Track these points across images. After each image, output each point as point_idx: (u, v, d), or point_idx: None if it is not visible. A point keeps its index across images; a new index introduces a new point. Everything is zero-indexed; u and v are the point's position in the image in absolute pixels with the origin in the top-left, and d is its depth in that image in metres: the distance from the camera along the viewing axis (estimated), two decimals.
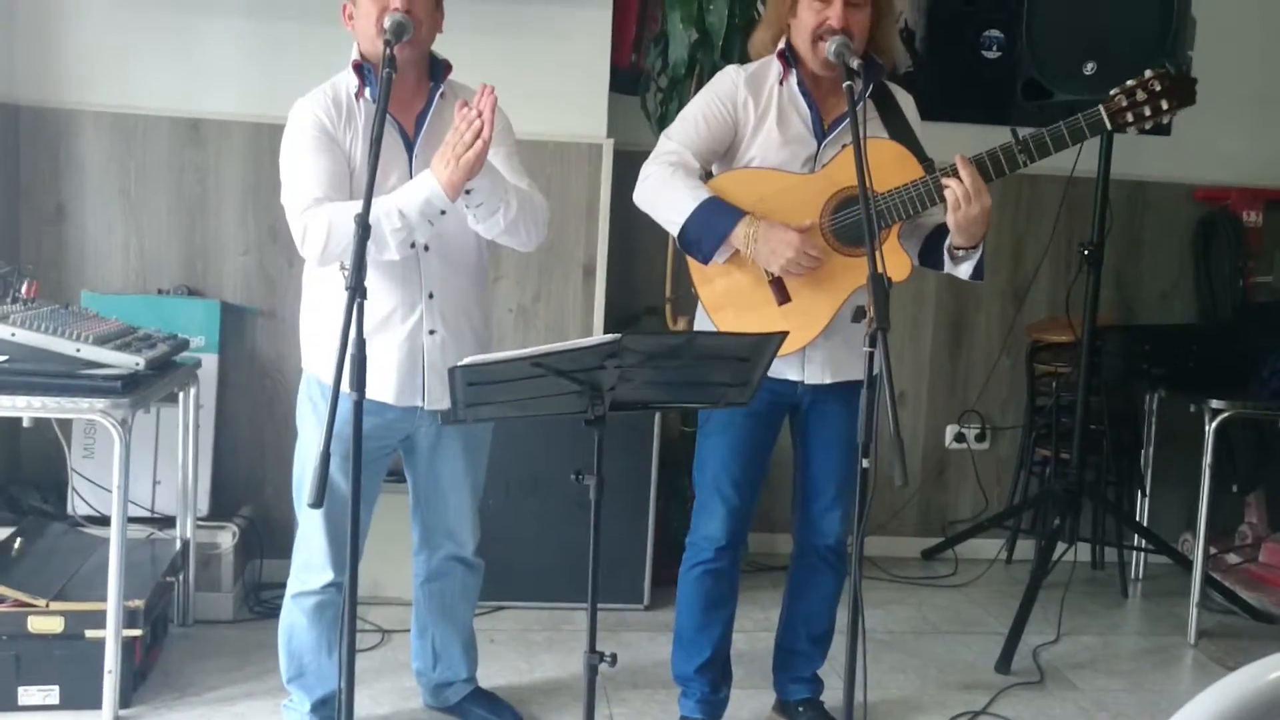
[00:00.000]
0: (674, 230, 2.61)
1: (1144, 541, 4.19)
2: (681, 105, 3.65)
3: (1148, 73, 2.54)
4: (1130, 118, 2.53)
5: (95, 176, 3.74)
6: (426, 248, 2.49)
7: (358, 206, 2.17)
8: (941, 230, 2.60)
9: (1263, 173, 4.48)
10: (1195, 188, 4.51)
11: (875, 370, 2.18)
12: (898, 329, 3.92)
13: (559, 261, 3.86)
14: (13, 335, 2.78)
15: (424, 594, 2.81)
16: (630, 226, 3.84)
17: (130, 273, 3.77)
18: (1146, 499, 4.30)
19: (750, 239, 2.53)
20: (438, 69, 2.56)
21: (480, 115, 2.29)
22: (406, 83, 2.48)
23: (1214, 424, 3.67)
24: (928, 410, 4.51)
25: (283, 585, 2.75)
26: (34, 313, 2.91)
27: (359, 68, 2.50)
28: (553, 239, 3.66)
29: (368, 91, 2.49)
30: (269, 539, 3.72)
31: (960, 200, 2.45)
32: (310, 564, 2.58)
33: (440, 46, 2.57)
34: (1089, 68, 3.62)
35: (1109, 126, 2.54)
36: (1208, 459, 3.70)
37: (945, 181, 2.48)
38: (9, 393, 2.68)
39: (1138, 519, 4.27)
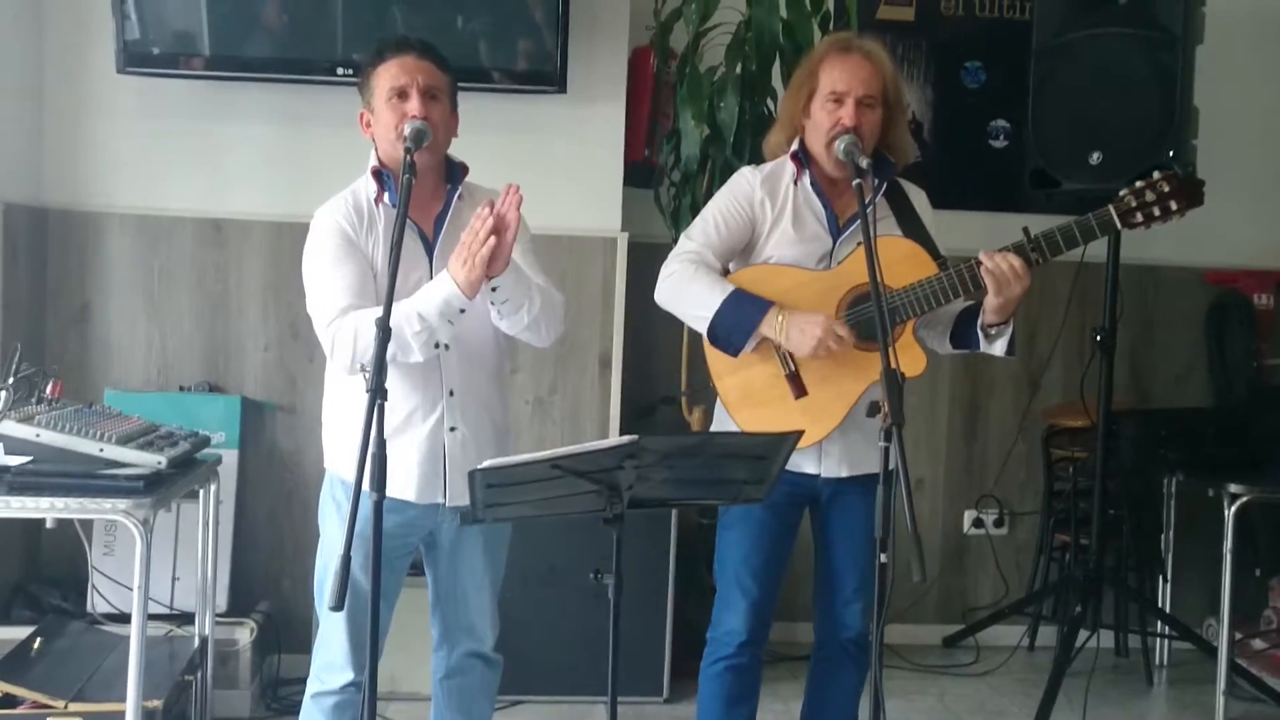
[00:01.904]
0: (701, 326, 2.64)
1: (1167, 628, 4.14)
2: (694, 199, 3.74)
3: (1156, 174, 2.57)
4: (1140, 217, 2.57)
5: (120, 276, 3.82)
6: (447, 346, 2.52)
7: (380, 313, 2.20)
8: (968, 313, 2.64)
9: (1272, 255, 4.52)
10: (1205, 271, 4.54)
11: (891, 465, 2.20)
12: (913, 415, 3.93)
13: (575, 353, 3.90)
14: (37, 436, 2.81)
15: (443, 690, 2.80)
16: (645, 318, 3.88)
17: (153, 370, 3.82)
18: (1168, 584, 4.26)
19: (780, 326, 2.57)
20: (454, 171, 2.61)
21: (501, 214, 2.33)
22: (425, 186, 2.53)
23: (1233, 508, 3.65)
24: (945, 496, 4.51)
25: (301, 681, 2.74)
26: (58, 413, 2.94)
27: (378, 174, 2.55)
28: (569, 331, 3.71)
29: (387, 197, 2.53)
30: (287, 634, 3.72)
31: (1010, 279, 2.50)
32: (331, 664, 2.57)
33: (458, 144, 2.62)
34: (1095, 157, 3.68)
35: (1119, 226, 2.57)
36: (1228, 544, 3.68)
37: (987, 269, 2.52)
38: (33, 494, 2.70)
39: (1160, 605, 4.23)
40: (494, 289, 2.40)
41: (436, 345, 2.45)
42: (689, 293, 2.64)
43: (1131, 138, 3.64)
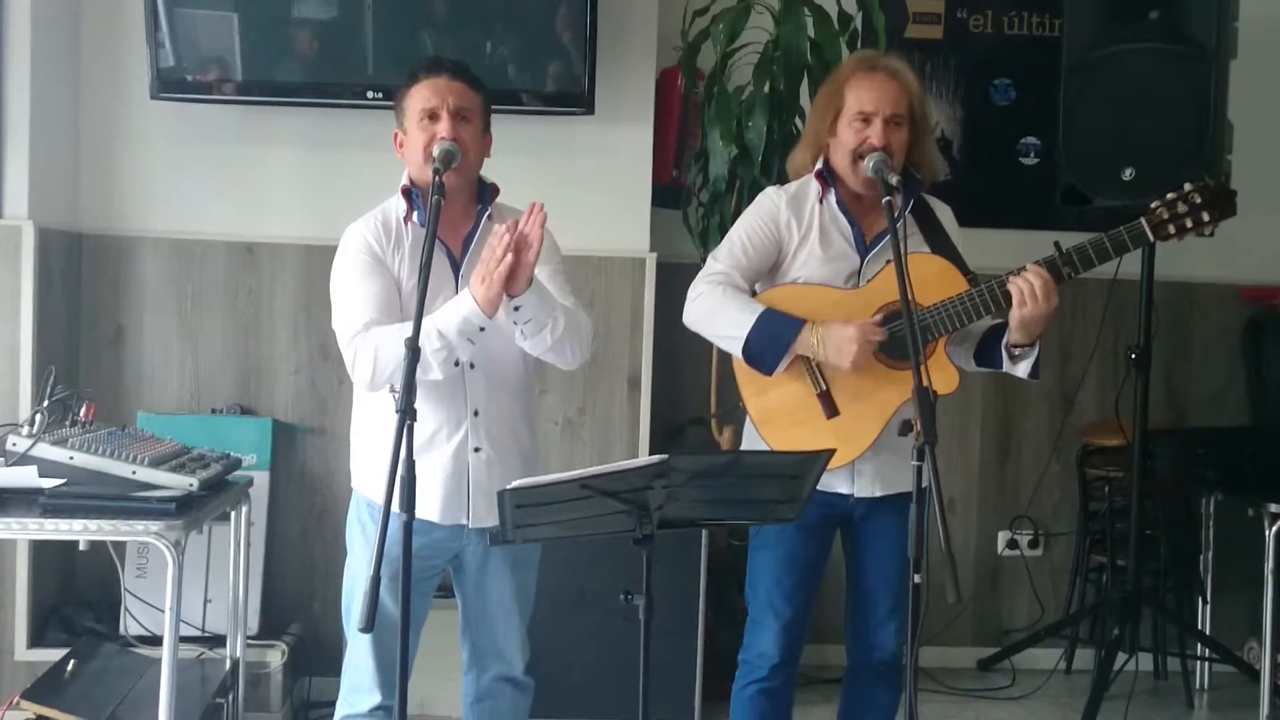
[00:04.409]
0: (734, 346, 2.62)
1: (1207, 650, 4.08)
2: (723, 219, 3.73)
3: (1187, 185, 2.55)
4: (1172, 229, 2.54)
5: (153, 300, 3.85)
6: (472, 366, 2.52)
7: (404, 328, 2.21)
8: (996, 330, 2.62)
9: None
10: (1242, 287, 4.48)
11: (924, 484, 2.17)
12: (945, 435, 3.90)
13: (604, 374, 3.90)
14: (71, 459, 2.84)
15: (473, 714, 2.78)
16: (674, 338, 3.85)
17: (185, 393, 3.85)
18: (1208, 605, 4.20)
19: (816, 343, 2.56)
20: (485, 192, 2.61)
21: (524, 233, 2.33)
22: (455, 206, 2.54)
23: (1275, 528, 3.60)
24: (979, 517, 4.46)
25: (331, 703, 2.74)
26: (92, 435, 2.96)
27: (407, 193, 2.56)
28: (598, 352, 3.70)
29: (415, 216, 2.54)
30: (318, 657, 3.72)
31: (1027, 298, 2.47)
32: (358, 686, 2.56)
33: (488, 165, 2.62)
34: (1127, 174, 3.65)
35: (1151, 238, 2.55)
36: (1270, 564, 3.62)
37: (1013, 279, 2.50)
38: (67, 516, 2.71)
39: (1200, 627, 4.16)
40: (516, 308, 2.40)
41: (456, 364, 2.45)
42: (719, 314, 2.63)
43: (1165, 153, 3.61)
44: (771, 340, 2.58)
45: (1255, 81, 4.05)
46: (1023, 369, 2.61)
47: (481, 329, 2.39)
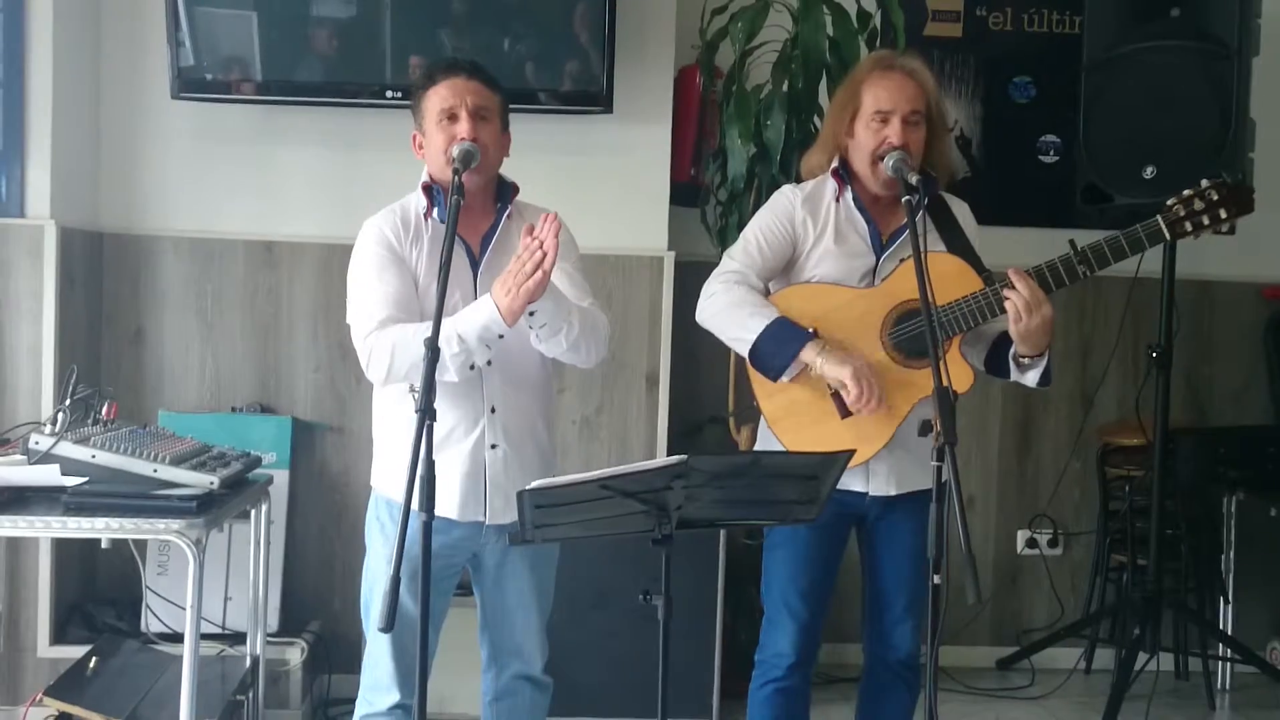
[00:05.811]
0: (743, 349, 2.62)
1: (1229, 650, 4.05)
2: (741, 218, 3.72)
3: (1204, 182, 2.54)
4: (1189, 227, 2.53)
5: (173, 299, 3.87)
6: (488, 363, 2.53)
7: (420, 328, 2.21)
8: (1006, 338, 2.60)
9: None
10: (1263, 286, 4.46)
11: (944, 483, 2.17)
12: (964, 432, 3.87)
13: (622, 373, 3.90)
14: (93, 457, 2.86)
15: (492, 712, 2.79)
16: (692, 337, 3.83)
17: (205, 391, 3.87)
18: (1229, 605, 4.17)
19: (819, 364, 2.55)
20: (505, 190, 2.61)
21: (542, 245, 2.33)
22: (475, 205, 2.53)
23: None
24: (997, 515, 4.44)
25: (350, 700, 2.75)
26: (113, 434, 2.98)
27: (428, 189, 2.57)
28: (616, 351, 3.70)
29: (435, 212, 2.55)
30: (337, 654, 3.73)
31: (1021, 312, 2.47)
32: (378, 685, 2.57)
33: (507, 163, 2.63)
34: (1148, 172, 3.63)
35: (1168, 236, 2.54)
36: None
37: (1005, 294, 2.49)
38: (89, 514, 2.73)
39: (1221, 627, 4.14)
40: (531, 313, 2.40)
41: (472, 367, 2.45)
42: (730, 315, 2.62)
43: (1186, 151, 3.59)
44: (778, 350, 2.57)
45: (1277, 79, 4.02)
46: (1030, 378, 2.61)
47: (500, 336, 2.39)
